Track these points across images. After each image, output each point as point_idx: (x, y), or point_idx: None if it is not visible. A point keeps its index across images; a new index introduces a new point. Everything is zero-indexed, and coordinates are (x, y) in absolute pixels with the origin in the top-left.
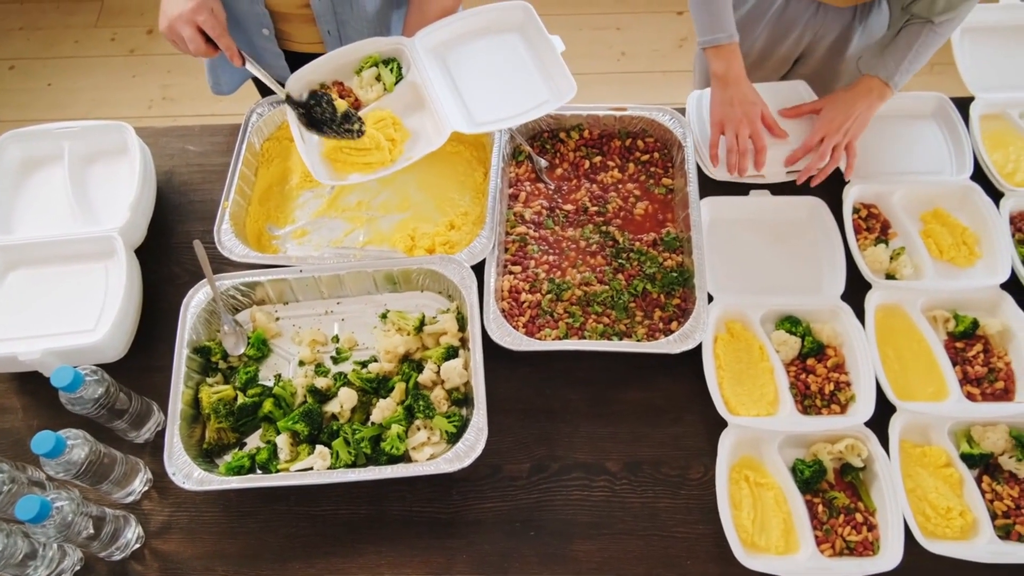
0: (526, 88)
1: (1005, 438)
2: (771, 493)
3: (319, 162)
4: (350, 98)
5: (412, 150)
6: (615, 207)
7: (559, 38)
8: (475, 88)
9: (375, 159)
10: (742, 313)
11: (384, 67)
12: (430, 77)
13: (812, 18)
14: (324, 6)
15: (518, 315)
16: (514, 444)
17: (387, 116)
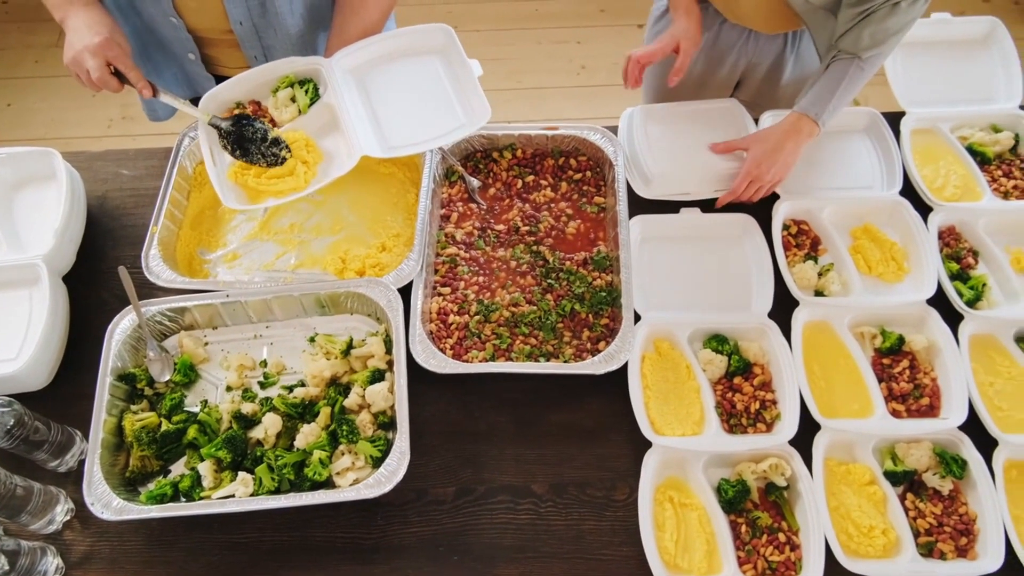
0: (442, 112)
1: (929, 455)
2: (695, 514)
3: (228, 187)
4: (265, 118)
5: (325, 172)
6: (547, 226)
7: (477, 62)
8: (391, 111)
9: (288, 184)
10: (670, 332)
11: (300, 88)
12: (346, 99)
13: (744, 44)
14: (247, 31)
15: (446, 337)
16: (440, 467)
17: (300, 138)
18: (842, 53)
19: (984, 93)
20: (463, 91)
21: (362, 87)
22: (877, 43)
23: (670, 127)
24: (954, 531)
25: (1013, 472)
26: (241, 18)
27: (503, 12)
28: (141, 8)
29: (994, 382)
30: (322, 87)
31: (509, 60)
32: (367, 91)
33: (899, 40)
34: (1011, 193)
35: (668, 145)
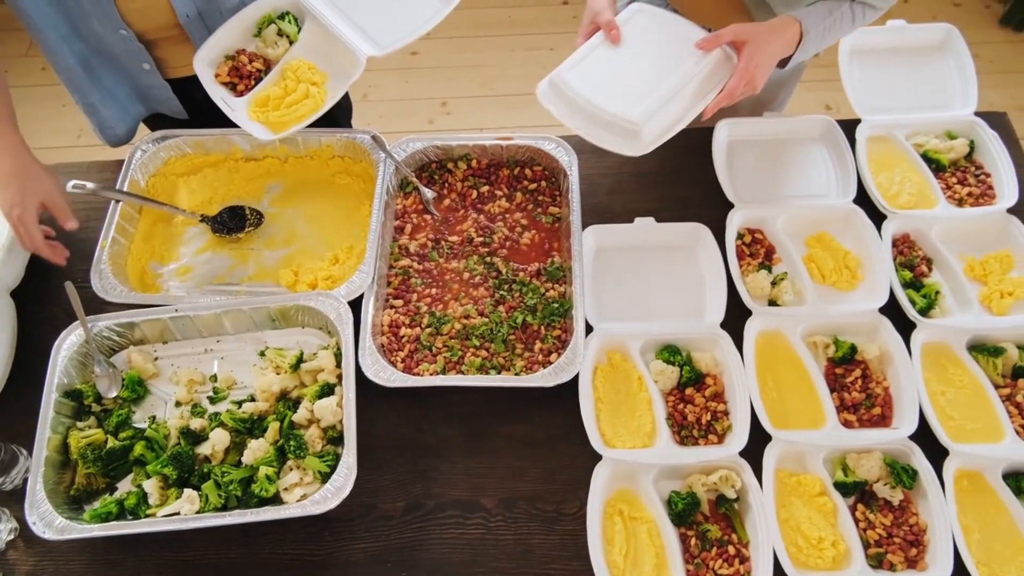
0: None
1: (880, 465)
2: (645, 527)
3: (253, 125)
4: (259, 59)
5: (335, 88)
6: (501, 237)
7: None
8: (369, 14)
9: (307, 107)
10: (622, 343)
11: (282, 21)
12: (328, 15)
13: None
14: (194, 22)
15: (397, 350)
16: (390, 482)
17: (301, 64)
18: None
19: (940, 100)
20: None
21: (333, 3)
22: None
23: None
24: (904, 542)
25: (964, 482)
26: (187, 10)
27: (476, 19)
28: (87, 31)
29: (946, 391)
30: (299, 15)
31: (482, 67)
32: (339, 5)
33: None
34: (965, 200)
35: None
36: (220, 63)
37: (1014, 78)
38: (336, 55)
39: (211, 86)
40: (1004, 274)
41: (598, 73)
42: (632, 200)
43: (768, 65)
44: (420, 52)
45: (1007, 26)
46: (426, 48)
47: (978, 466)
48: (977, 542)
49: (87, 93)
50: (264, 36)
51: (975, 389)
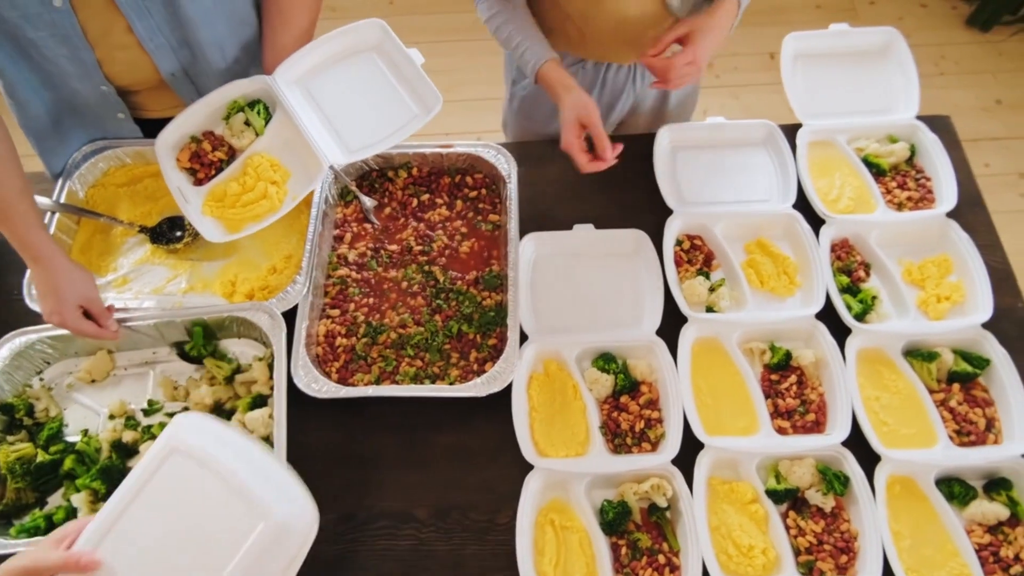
0: (394, 107)
1: (811, 472)
2: (576, 536)
3: (206, 222)
4: (223, 148)
5: (296, 188)
6: (440, 246)
7: (417, 51)
8: (344, 115)
9: (263, 207)
10: (558, 352)
11: (251, 111)
12: (298, 112)
13: (631, 84)
14: (179, 79)
15: (332, 360)
16: (323, 494)
17: (264, 160)
18: None
19: (883, 104)
20: (409, 82)
21: (310, 97)
22: None
23: None
24: (834, 548)
25: (897, 487)
26: (172, 69)
27: (442, 24)
28: (63, 86)
29: (880, 396)
30: (272, 105)
31: (448, 72)
32: (316, 100)
33: None
34: (905, 204)
35: None
36: (184, 145)
37: (980, 79)
38: (301, 154)
39: (170, 172)
40: (942, 278)
41: None
42: (574, 207)
43: (712, 49)
44: None
45: (973, 26)
46: None
47: (911, 472)
48: (908, 548)
49: (45, 139)
50: (231, 123)
51: (910, 394)
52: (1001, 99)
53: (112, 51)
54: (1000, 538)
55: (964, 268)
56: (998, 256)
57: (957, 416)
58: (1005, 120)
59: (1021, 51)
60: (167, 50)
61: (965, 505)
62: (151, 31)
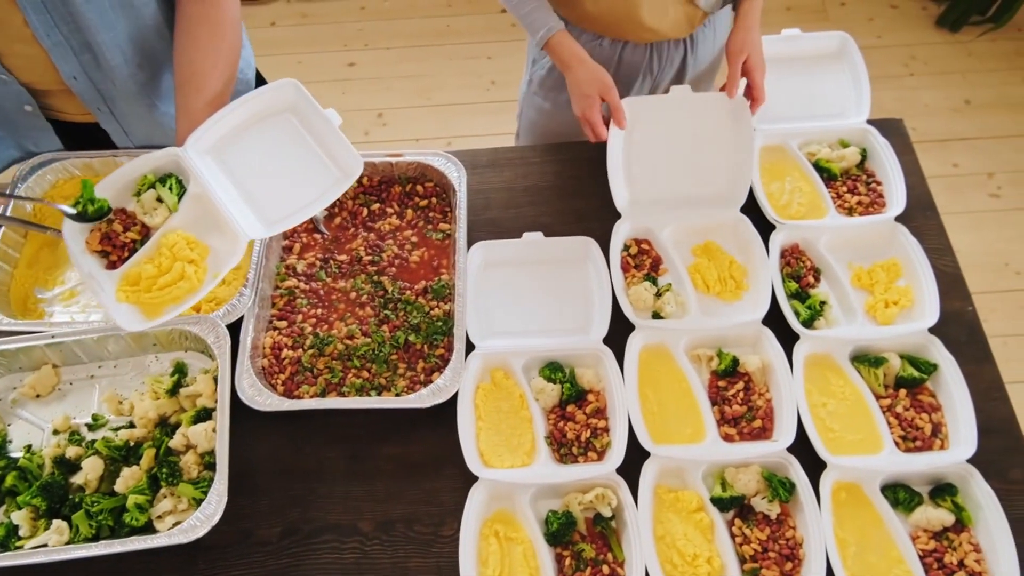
0: (313, 172)
1: (757, 479)
2: (520, 548)
3: (123, 309)
4: (136, 227)
5: (216, 266)
6: (390, 255)
7: (334, 111)
8: (262, 184)
9: (182, 288)
10: (505, 361)
11: (162, 186)
12: (213, 184)
13: (648, 64)
14: (83, 84)
15: (278, 372)
16: (268, 507)
17: (180, 238)
18: None
19: (835, 108)
20: (327, 145)
21: (225, 167)
22: None
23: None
24: (779, 556)
25: (842, 494)
26: (74, 73)
27: (415, 29)
28: None
29: (827, 403)
30: (185, 179)
31: (420, 77)
32: (231, 170)
33: None
34: (855, 209)
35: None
36: (93, 229)
37: (949, 79)
38: (220, 227)
39: (79, 257)
40: (891, 283)
41: None
42: (525, 214)
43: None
44: (357, 63)
45: (943, 27)
46: (363, 59)
47: (856, 478)
48: (853, 555)
49: None
50: (142, 200)
51: (856, 400)
52: (970, 99)
53: (11, 43)
54: (945, 544)
55: (913, 272)
56: (948, 260)
57: (903, 422)
58: (974, 120)
59: (990, 51)
60: (66, 50)
61: (910, 511)
62: (47, 27)
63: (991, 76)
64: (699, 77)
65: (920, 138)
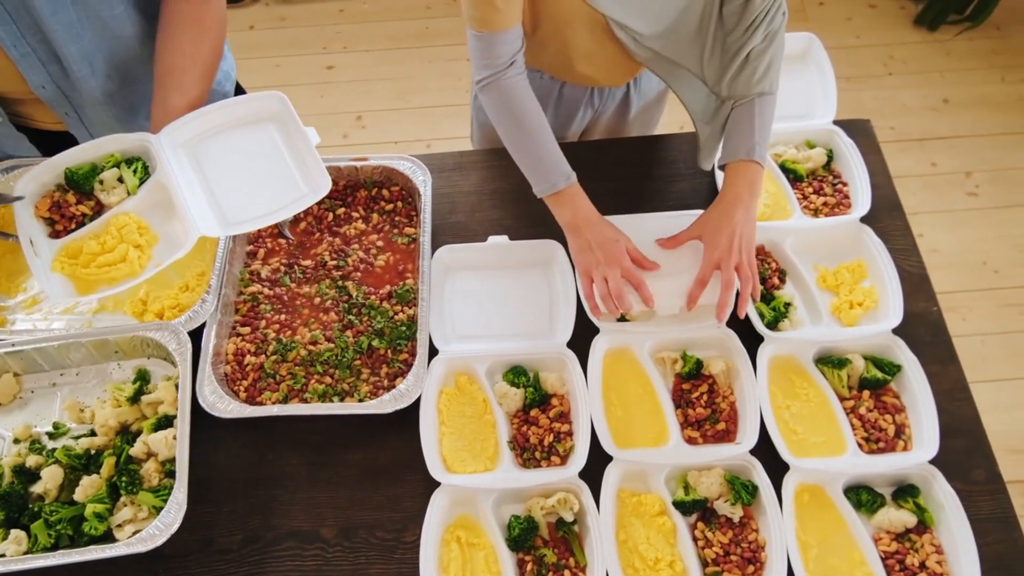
0: (281, 184)
1: (720, 482)
2: (482, 553)
3: (55, 280)
4: (90, 202)
5: (162, 255)
6: (356, 260)
7: (314, 130)
8: (227, 185)
9: (121, 271)
10: (468, 365)
11: (127, 168)
12: (178, 176)
13: (589, 98)
14: (52, 93)
15: (241, 379)
16: (229, 515)
17: (131, 221)
18: (738, 100)
19: (802, 109)
20: (301, 160)
21: (195, 161)
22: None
23: None
24: (741, 559)
25: (805, 496)
26: (43, 83)
27: (394, 31)
28: None
29: (791, 405)
30: (151, 165)
31: (398, 80)
32: (201, 165)
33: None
34: (821, 210)
35: None
36: (45, 194)
37: (928, 78)
38: (172, 221)
39: (24, 219)
40: (856, 284)
41: None
42: (491, 218)
43: (744, 230)
44: (336, 66)
45: (921, 26)
46: (342, 62)
47: (819, 480)
48: (815, 558)
49: None
50: (103, 177)
51: (821, 402)
52: (948, 98)
53: None
54: (907, 546)
55: (877, 273)
56: (914, 260)
57: (866, 423)
58: (952, 119)
59: (968, 50)
60: (34, 60)
61: (873, 513)
62: (14, 38)
63: (969, 75)
64: (645, 108)
65: (898, 137)
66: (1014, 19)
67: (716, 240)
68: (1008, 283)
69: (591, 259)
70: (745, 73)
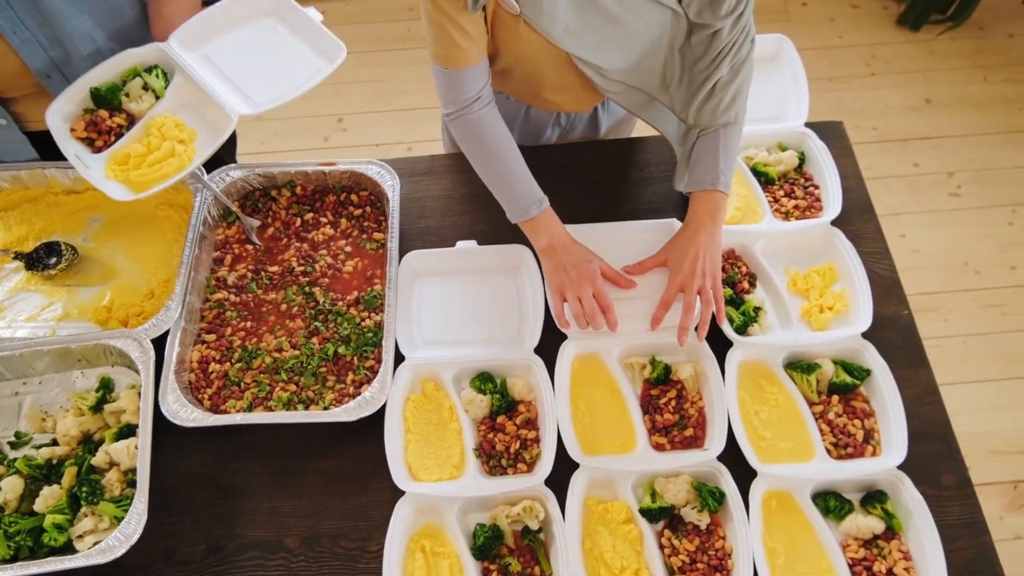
0: (297, 63)
1: (687, 489)
2: (447, 562)
3: (111, 185)
4: (121, 114)
5: (204, 146)
6: (323, 266)
7: (314, 9)
8: (247, 75)
9: (171, 166)
10: (435, 372)
11: (148, 75)
12: (199, 71)
13: (556, 118)
14: (57, 82)
15: (205, 387)
16: (192, 525)
17: (168, 120)
18: (704, 130)
19: (774, 111)
20: (309, 39)
21: (208, 60)
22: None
23: None
24: (707, 567)
25: (773, 503)
26: (45, 68)
27: (375, 33)
28: None
29: (760, 410)
30: (169, 70)
31: (380, 82)
32: (216, 62)
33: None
34: (792, 213)
35: None
36: (77, 117)
37: (910, 78)
38: (207, 112)
39: (64, 141)
40: (826, 288)
41: None
42: (461, 222)
43: (707, 254)
44: None
45: (904, 26)
46: None
47: (787, 486)
48: (781, 565)
49: None
50: (129, 89)
51: (789, 408)
52: (931, 98)
53: None
54: (875, 552)
55: (848, 277)
56: (886, 263)
57: (835, 428)
58: (934, 119)
59: (950, 50)
60: (35, 46)
61: (841, 519)
62: (14, 24)
63: (951, 75)
64: (616, 124)
65: (881, 137)
66: (996, 19)
67: (680, 264)
68: (990, 283)
69: (565, 279)
70: (711, 104)
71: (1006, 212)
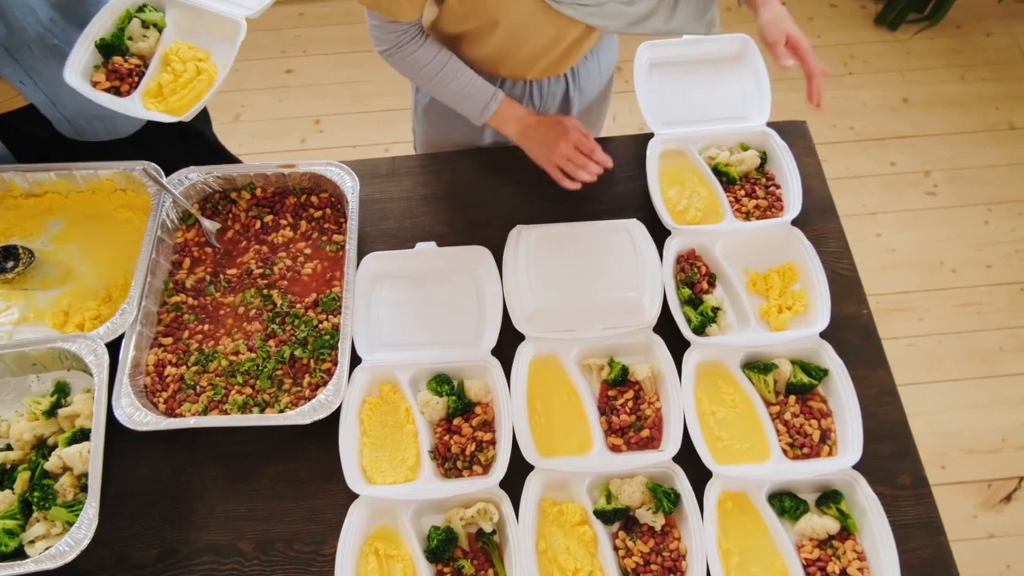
0: None
1: (642, 490)
2: (400, 565)
3: (160, 116)
4: (133, 58)
5: (222, 58)
6: (282, 268)
7: None
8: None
9: (202, 83)
10: (392, 374)
11: (142, 13)
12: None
13: (529, 97)
14: (1, 59)
15: (160, 391)
16: (145, 529)
17: (180, 46)
18: None
19: (737, 111)
20: None
21: None
22: None
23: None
24: (661, 568)
25: (728, 504)
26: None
27: (353, 34)
28: None
29: (716, 411)
30: (159, 6)
31: (357, 83)
32: None
33: None
34: (752, 213)
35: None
36: (92, 72)
37: (888, 77)
38: (212, 29)
39: (95, 95)
40: (786, 288)
41: None
42: (422, 224)
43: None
44: (295, 70)
45: (881, 25)
46: (301, 65)
47: (743, 487)
48: (736, 566)
49: None
50: (130, 32)
51: (746, 408)
52: (908, 97)
53: None
54: (829, 552)
55: (807, 277)
56: (846, 263)
57: (791, 429)
58: (911, 118)
59: (927, 49)
60: None
61: (796, 520)
62: None
63: (928, 74)
64: (588, 108)
65: (858, 137)
66: (973, 18)
67: (779, 26)
68: (965, 282)
69: (546, 151)
70: None
71: (982, 211)
